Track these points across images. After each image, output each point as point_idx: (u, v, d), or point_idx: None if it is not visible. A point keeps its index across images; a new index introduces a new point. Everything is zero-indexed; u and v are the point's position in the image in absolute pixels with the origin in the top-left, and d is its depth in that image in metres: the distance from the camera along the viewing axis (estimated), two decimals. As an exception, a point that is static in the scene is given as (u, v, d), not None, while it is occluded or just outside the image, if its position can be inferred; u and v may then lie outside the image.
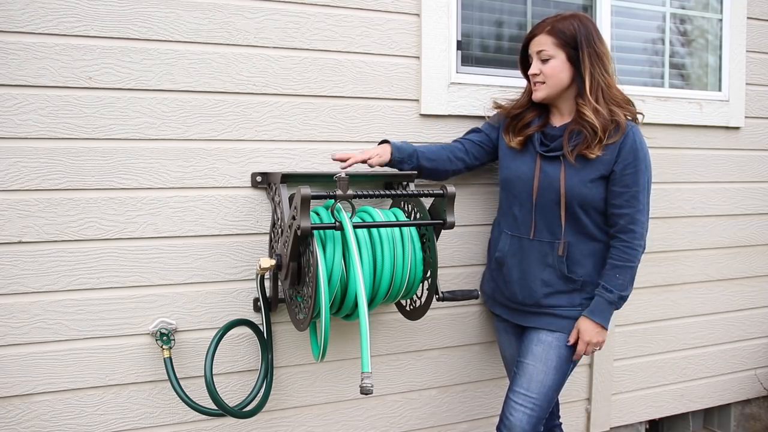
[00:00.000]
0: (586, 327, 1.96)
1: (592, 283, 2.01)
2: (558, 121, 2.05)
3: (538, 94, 2.00)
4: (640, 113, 2.05)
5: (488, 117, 2.23)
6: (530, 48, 2.01)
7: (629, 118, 1.99)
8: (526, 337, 2.06)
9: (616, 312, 2.30)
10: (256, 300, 2.03)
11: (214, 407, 1.86)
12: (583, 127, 1.95)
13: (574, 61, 1.95)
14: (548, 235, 1.99)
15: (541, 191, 1.99)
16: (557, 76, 1.96)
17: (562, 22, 1.95)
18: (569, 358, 2.00)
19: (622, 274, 1.96)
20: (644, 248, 1.99)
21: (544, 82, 1.98)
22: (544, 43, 1.96)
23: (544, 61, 1.96)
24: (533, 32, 2.00)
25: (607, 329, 1.97)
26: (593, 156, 1.92)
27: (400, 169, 2.03)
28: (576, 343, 1.99)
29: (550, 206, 1.98)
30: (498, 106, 2.20)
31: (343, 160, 1.93)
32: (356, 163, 1.94)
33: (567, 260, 1.98)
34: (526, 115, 2.07)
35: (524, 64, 2.08)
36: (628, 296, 1.99)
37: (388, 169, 2.17)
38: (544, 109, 2.08)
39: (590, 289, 2.01)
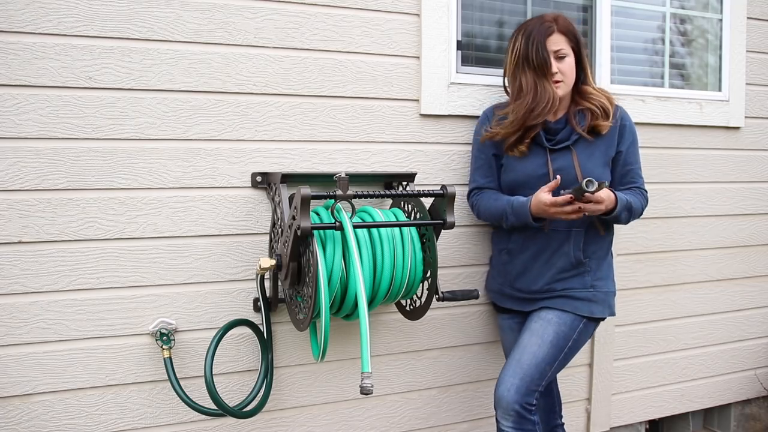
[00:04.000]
0: (609, 195, 1.90)
1: (599, 267, 2.07)
2: (553, 116, 2.07)
3: (559, 92, 2.02)
4: None
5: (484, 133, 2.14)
6: (546, 47, 1.99)
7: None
8: (528, 318, 2.08)
9: (616, 312, 2.29)
10: (256, 300, 2.03)
11: (214, 407, 1.86)
12: (589, 108, 2.04)
13: (578, 57, 2.04)
14: (564, 224, 2.01)
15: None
16: (572, 72, 2.03)
17: (564, 23, 2.02)
18: (568, 336, 2.00)
19: (637, 202, 2.03)
20: (646, 207, 2.11)
21: (562, 81, 2.01)
22: (560, 42, 2.00)
23: (561, 59, 2.00)
24: (547, 31, 1.99)
25: (614, 212, 1.92)
26: (605, 128, 2.03)
27: None
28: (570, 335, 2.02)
29: None
30: (492, 135, 2.07)
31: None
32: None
33: (583, 245, 2.03)
34: None
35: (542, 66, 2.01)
36: (630, 219, 2.02)
37: (388, 169, 2.18)
38: None
39: (597, 271, 2.05)
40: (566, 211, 1.87)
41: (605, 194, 1.88)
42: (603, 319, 2.09)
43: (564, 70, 2.00)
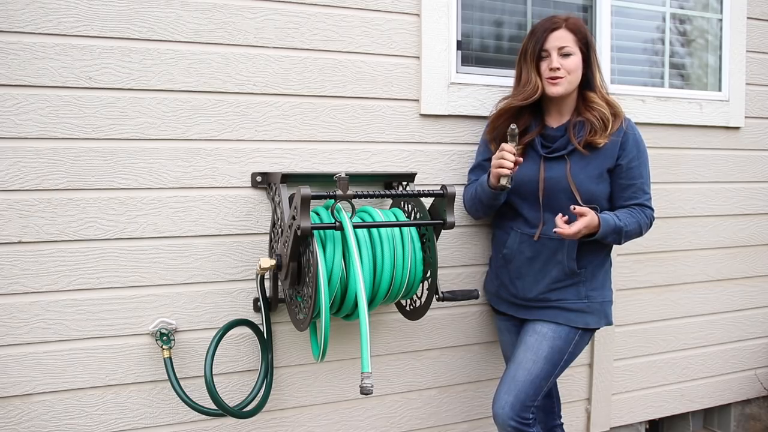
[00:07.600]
0: (593, 219, 1.88)
1: (594, 276, 2.04)
2: (555, 122, 2.07)
3: (558, 89, 1.99)
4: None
5: (486, 133, 2.17)
6: (548, 42, 1.99)
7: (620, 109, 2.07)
8: (523, 330, 2.08)
9: (616, 312, 2.29)
10: (256, 300, 2.03)
11: (214, 407, 1.86)
12: (589, 119, 2.00)
13: (586, 59, 2.02)
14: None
15: (547, 191, 2.00)
16: (576, 72, 2.00)
17: (575, 22, 2.01)
18: (563, 349, 2.00)
19: (632, 224, 1.97)
20: (650, 227, 2.06)
21: (564, 77, 1.98)
22: (566, 38, 1.98)
23: (566, 56, 1.98)
24: (551, 26, 1.99)
25: (596, 236, 1.92)
26: (601, 144, 1.98)
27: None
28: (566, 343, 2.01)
29: (557, 205, 1.99)
30: (493, 128, 2.11)
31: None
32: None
33: (577, 256, 2.00)
34: (522, 119, 2.05)
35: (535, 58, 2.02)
36: (621, 241, 1.99)
37: (388, 169, 2.18)
38: (538, 112, 2.08)
39: (592, 280, 2.03)
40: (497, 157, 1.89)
41: (588, 219, 1.86)
42: (598, 328, 2.09)
43: (568, 66, 1.98)
